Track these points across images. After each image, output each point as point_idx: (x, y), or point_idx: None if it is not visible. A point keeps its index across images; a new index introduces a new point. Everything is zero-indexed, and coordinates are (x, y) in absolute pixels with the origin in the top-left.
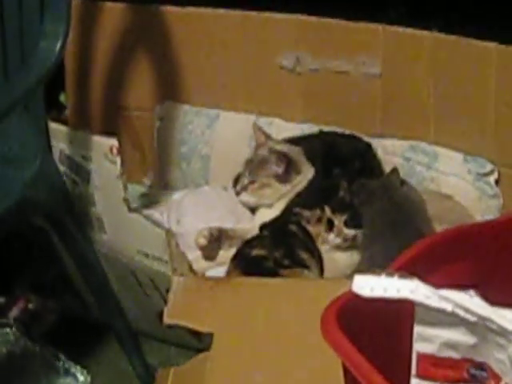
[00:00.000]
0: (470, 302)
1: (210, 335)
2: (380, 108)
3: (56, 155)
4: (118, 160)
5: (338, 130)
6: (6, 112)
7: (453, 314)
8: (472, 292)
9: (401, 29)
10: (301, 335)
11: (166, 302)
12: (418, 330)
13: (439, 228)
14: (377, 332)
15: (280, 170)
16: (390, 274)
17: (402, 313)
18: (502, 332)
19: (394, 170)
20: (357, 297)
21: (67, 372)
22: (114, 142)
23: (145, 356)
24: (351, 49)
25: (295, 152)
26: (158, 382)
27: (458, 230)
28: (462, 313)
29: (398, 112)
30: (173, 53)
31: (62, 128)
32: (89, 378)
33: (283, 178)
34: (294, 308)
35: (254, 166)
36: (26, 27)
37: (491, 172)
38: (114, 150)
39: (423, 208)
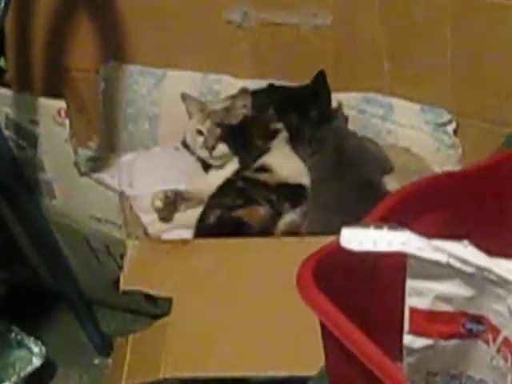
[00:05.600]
0: (466, 252)
1: (169, 300)
2: (332, 61)
3: (1, 120)
4: (67, 123)
5: (290, 84)
6: None
7: (448, 266)
8: (466, 242)
9: None
10: (266, 295)
11: (120, 268)
12: (410, 283)
13: (398, 181)
14: (363, 288)
15: None
16: (379, 226)
17: (393, 266)
18: (501, 282)
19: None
20: (336, 251)
21: (20, 344)
22: (62, 104)
23: (100, 324)
24: (300, 0)
25: None
26: (116, 350)
27: (435, 178)
28: (458, 264)
29: (350, 64)
30: (116, 12)
31: (6, 92)
32: (43, 349)
33: None
34: (256, 268)
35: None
36: None
37: (449, 122)
38: (62, 113)
39: (373, 156)
